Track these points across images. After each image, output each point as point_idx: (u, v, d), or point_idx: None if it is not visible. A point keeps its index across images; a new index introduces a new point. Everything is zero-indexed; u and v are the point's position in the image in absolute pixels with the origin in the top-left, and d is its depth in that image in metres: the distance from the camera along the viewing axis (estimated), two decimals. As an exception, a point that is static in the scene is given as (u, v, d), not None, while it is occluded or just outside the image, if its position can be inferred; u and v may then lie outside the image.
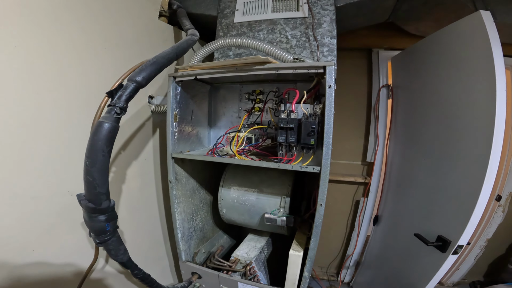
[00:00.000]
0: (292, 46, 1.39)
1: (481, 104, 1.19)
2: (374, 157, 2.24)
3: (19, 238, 0.96)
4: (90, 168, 0.76)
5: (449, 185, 1.34)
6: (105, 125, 0.77)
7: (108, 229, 0.85)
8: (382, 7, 1.57)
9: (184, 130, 1.30)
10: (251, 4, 1.52)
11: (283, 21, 1.43)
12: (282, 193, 1.28)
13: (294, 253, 1.16)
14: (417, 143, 1.71)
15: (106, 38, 1.23)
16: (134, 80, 0.84)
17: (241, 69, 1.06)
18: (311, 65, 0.97)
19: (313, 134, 0.95)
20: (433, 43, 1.54)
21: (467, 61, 1.29)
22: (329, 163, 0.95)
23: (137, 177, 1.47)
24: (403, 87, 1.97)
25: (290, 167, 1.00)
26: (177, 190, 1.28)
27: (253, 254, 1.34)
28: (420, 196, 1.59)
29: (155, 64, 0.89)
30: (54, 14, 1.01)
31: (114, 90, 0.82)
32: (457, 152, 1.31)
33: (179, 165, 1.29)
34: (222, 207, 1.40)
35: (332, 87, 0.93)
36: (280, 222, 1.22)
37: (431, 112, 1.56)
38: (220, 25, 1.57)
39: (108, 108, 0.80)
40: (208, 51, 1.27)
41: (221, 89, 1.54)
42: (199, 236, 1.47)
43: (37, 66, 0.96)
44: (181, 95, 1.24)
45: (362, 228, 2.35)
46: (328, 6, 1.39)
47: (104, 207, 0.81)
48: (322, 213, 1.01)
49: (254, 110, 1.42)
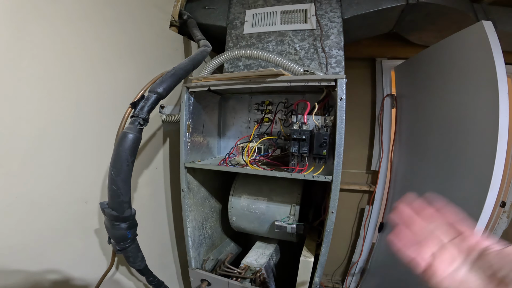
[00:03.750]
0: (301, 57, 1.43)
1: (484, 113, 1.22)
2: (379, 166, 2.27)
3: (35, 245, 0.97)
4: (115, 177, 0.79)
5: (454, 192, 1.36)
6: (130, 135, 0.80)
7: (129, 237, 0.88)
8: (387, 18, 1.61)
9: (196, 140, 1.33)
10: (260, 16, 1.56)
11: (291, 33, 1.48)
12: (292, 202, 1.30)
13: (305, 259, 1.17)
14: (421, 151, 1.73)
15: (118, 47, 1.26)
16: (156, 91, 0.87)
17: (254, 81, 1.09)
18: (323, 78, 1.00)
19: (325, 145, 0.98)
20: (436, 53, 1.58)
21: (470, 70, 1.32)
22: (340, 173, 0.98)
23: (148, 185, 1.49)
24: (407, 96, 2.00)
25: (302, 177, 1.02)
26: (189, 198, 1.30)
27: (262, 261, 1.35)
28: (425, 204, 1.61)
29: (175, 76, 0.93)
30: (71, 23, 1.03)
31: (137, 101, 0.85)
32: (461, 160, 1.34)
33: (191, 174, 1.31)
34: (232, 215, 1.42)
35: (343, 100, 0.96)
36: (290, 230, 1.24)
37: (435, 120, 1.59)
38: (230, 36, 1.61)
39: (132, 119, 0.84)
40: (219, 62, 1.31)
41: (231, 99, 1.56)
42: (208, 244, 1.49)
43: (53, 74, 0.98)
44: (194, 106, 1.27)
45: (368, 235, 2.36)
46: (335, 18, 1.43)
47: (126, 215, 0.84)
48: (333, 220, 1.03)
49: (264, 121, 1.44)
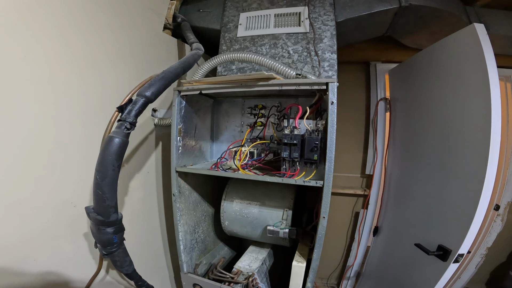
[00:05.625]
0: (294, 61, 1.42)
1: (476, 116, 1.22)
2: (373, 170, 2.26)
3: (22, 247, 0.95)
4: (100, 181, 0.78)
5: (448, 195, 1.36)
6: (116, 140, 0.79)
7: (115, 241, 0.87)
8: (381, 22, 1.61)
9: (188, 144, 1.31)
10: (254, 19, 1.56)
11: (285, 36, 1.47)
12: (284, 206, 1.29)
13: (297, 264, 1.16)
14: (415, 155, 1.73)
15: (108, 50, 1.24)
16: (144, 95, 0.86)
17: (245, 84, 1.08)
18: (314, 82, 1.00)
19: (316, 149, 0.97)
20: (428, 57, 1.58)
21: (462, 74, 1.33)
22: (331, 178, 0.97)
23: (140, 189, 1.48)
24: (401, 100, 2.00)
25: (294, 182, 1.01)
26: (180, 203, 1.29)
27: (255, 266, 1.34)
28: (419, 207, 1.61)
29: (164, 79, 0.91)
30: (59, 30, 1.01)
31: (124, 105, 0.84)
32: (455, 163, 1.34)
33: (183, 179, 1.30)
34: (225, 220, 1.41)
35: (334, 104, 0.95)
36: (282, 234, 1.22)
37: (428, 124, 1.59)
38: (224, 39, 1.60)
39: (118, 123, 0.82)
40: (212, 65, 1.30)
41: (224, 103, 1.55)
42: (200, 248, 1.47)
43: (40, 76, 0.96)
44: (186, 110, 1.26)
45: (362, 239, 2.35)
46: (329, 21, 1.43)
47: (112, 219, 0.83)
48: (325, 225, 1.02)
49: (257, 125, 1.43)
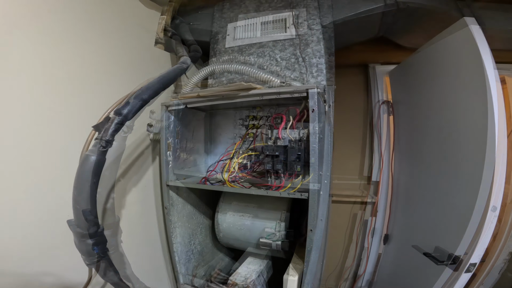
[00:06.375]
0: (282, 68, 1.40)
1: (473, 114, 1.18)
2: (380, 176, 2.18)
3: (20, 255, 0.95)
4: (77, 196, 0.82)
5: (456, 202, 1.29)
6: (91, 158, 0.81)
7: (96, 252, 0.89)
8: (369, 22, 1.55)
9: (180, 158, 1.32)
10: (241, 28, 1.55)
11: (271, 43, 1.45)
12: (277, 218, 1.26)
13: (288, 277, 1.12)
14: (423, 160, 1.65)
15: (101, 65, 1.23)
16: (120, 113, 0.87)
17: (227, 96, 1.08)
18: (294, 90, 0.98)
19: (298, 160, 0.94)
20: (424, 56, 1.53)
21: (457, 69, 1.28)
22: (317, 190, 0.94)
23: (137, 203, 1.48)
24: (402, 102, 1.93)
25: (279, 194, 0.99)
26: (173, 215, 1.30)
27: (251, 278, 1.31)
28: (429, 214, 1.54)
29: (138, 98, 0.91)
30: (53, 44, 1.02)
31: (100, 124, 0.85)
32: (463, 168, 1.27)
33: (175, 192, 1.31)
34: (219, 232, 1.40)
35: (315, 112, 0.92)
36: (275, 246, 1.20)
37: (431, 126, 1.53)
38: (213, 51, 1.60)
39: (95, 141, 0.84)
40: (198, 79, 1.31)
41: (217, 115, 1.55)
42: (197, 259, 1.47)
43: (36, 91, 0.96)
44: (174, 124, 1.26)
45: (373, 247, 2.26)
46: (314, 25, 1.40)
47: (91, 232, 0.85)
48: (313, 239, 0.99)
49: (249, 136, 1.42)
